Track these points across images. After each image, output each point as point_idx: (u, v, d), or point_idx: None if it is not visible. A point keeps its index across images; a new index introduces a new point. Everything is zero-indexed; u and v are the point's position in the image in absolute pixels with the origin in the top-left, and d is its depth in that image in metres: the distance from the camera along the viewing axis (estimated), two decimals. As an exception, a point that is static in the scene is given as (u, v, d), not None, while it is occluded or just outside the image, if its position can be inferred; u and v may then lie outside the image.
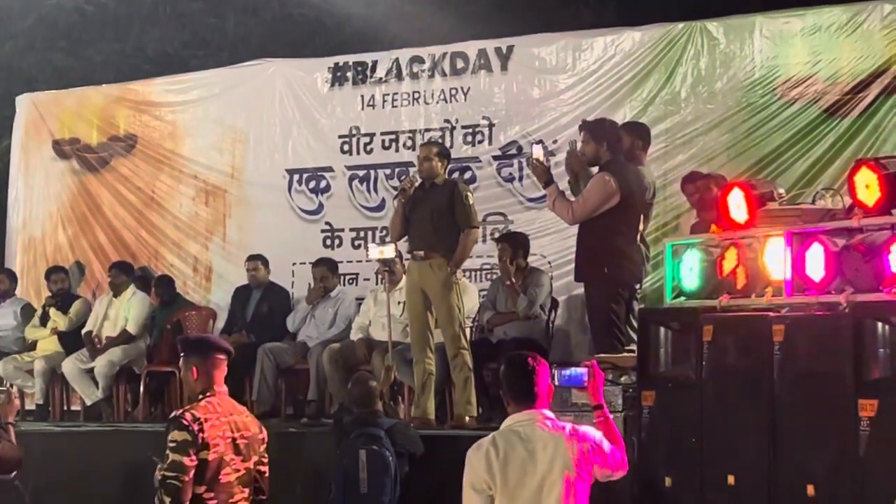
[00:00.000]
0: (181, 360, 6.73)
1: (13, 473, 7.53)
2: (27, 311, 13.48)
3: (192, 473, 6.26)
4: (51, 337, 13.02)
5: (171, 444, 6.29)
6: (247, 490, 6.50)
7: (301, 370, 11.71)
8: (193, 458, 6.28)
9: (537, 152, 9.91)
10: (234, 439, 6.44)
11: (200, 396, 6.49)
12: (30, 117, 15.07)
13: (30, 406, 12.92)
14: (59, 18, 17.20)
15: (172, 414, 6.53)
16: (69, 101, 15.00)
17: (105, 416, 12.33)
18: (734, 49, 11.63)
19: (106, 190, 14.56)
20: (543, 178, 9.85)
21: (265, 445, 6.67)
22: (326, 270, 12.09)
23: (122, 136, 14.54)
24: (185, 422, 6.31)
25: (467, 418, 10.07)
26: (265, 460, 6.65)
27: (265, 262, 12.53)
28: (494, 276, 11.68)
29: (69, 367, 12.47)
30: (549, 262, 11.87)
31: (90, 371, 12.40)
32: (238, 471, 6.44)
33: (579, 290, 10.57)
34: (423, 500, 9.09)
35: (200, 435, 6.30)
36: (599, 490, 8.39)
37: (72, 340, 12.88)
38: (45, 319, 13.12)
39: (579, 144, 9.90)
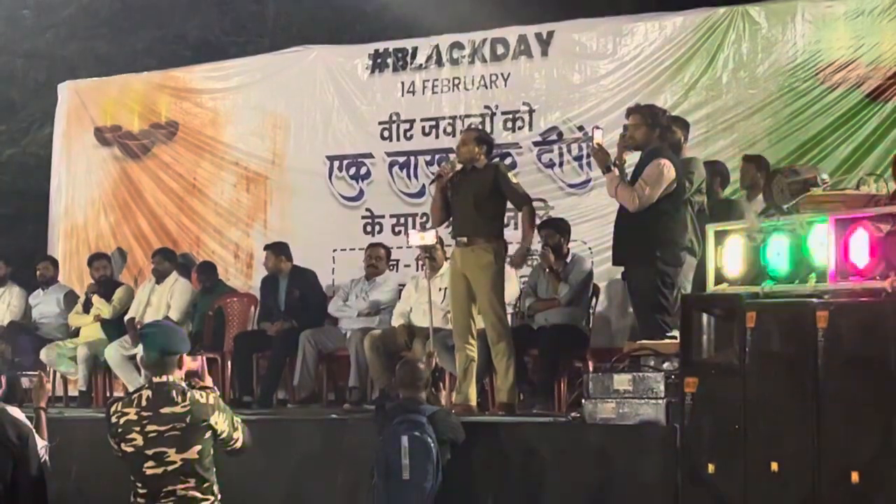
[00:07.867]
0: None
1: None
2: (70, 298, 13.55)
3: None
4: (94, 324, 13.09)
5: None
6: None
7: (342, 356, 11.71)
8: None
9: (598, 137, 9.74)
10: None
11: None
12: (72, 105, 15.16)
13: (73, 392, 13.03)
14: (101, 6, 17.31)
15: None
16: (111, 89, 15.07)
17: (147, 403, 12.34)
18: (776, 34, 11.58)
19: (147, 177, 14.63)
20: (604, 164, 9.63)
21: None
22: (383, 252, 12.14)
23: (164, 123, 14.61)
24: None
25: (509, 405, 10.06)
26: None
27: (287, 255, 12.44)
28: (535, 263, 11.67)
29: (112, 353, 12.51)
30: (590, 249, 11.86)
31: (132, 358, 12.41)
32: None
33: (620, 276, 10.54)
34: (465, 487, 9.10)
35: None
36: (641, 478, 8.43)
37: (114, 327, 12.95)
38: (87, 306, 13.17)
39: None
